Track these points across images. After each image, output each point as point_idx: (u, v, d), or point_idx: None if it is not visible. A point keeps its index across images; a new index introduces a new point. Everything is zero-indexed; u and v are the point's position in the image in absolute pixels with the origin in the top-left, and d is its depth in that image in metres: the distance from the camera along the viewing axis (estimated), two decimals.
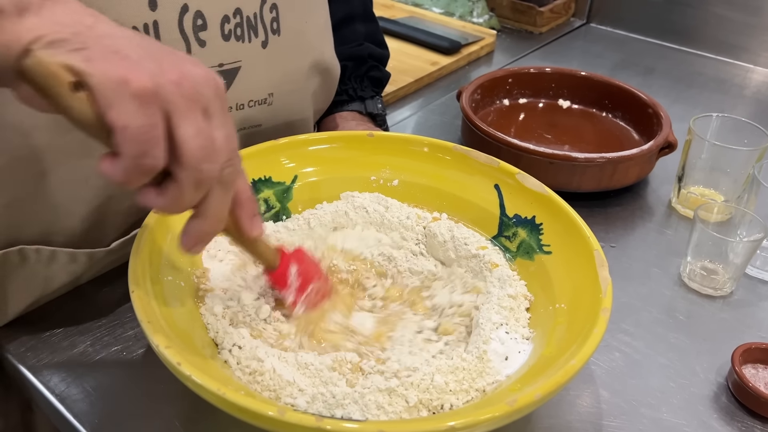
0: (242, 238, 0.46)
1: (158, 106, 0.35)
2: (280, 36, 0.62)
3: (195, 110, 0.37)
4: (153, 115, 0.35)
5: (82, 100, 0.35)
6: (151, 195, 0.38)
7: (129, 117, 0.35)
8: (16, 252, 0.54)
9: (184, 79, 0.36)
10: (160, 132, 0.36)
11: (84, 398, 0.52)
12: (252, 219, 0.45)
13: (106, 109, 0.35)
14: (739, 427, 0.53)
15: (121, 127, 0.35)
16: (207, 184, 0.38)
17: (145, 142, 0.35)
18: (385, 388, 0.45)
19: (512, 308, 0.53)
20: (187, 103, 0.36)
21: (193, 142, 0.36)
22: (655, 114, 0.83)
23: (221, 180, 0.39)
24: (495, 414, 0.39)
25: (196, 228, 0.41)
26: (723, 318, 0.63)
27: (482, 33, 1.18)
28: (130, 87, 0.34)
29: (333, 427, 0.37)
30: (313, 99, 0.71)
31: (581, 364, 0.43)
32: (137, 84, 0.35)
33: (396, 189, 0.65)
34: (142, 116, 0.35)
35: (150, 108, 0.35)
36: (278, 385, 0.45)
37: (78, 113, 0.35)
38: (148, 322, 0.43)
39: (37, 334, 0.57)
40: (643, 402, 0.54)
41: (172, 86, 0.36)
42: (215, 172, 0.38)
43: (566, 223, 0.56)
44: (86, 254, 0.57)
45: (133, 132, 0.35)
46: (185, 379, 0.40)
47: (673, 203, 0.78)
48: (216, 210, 0.40)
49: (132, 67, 0.35)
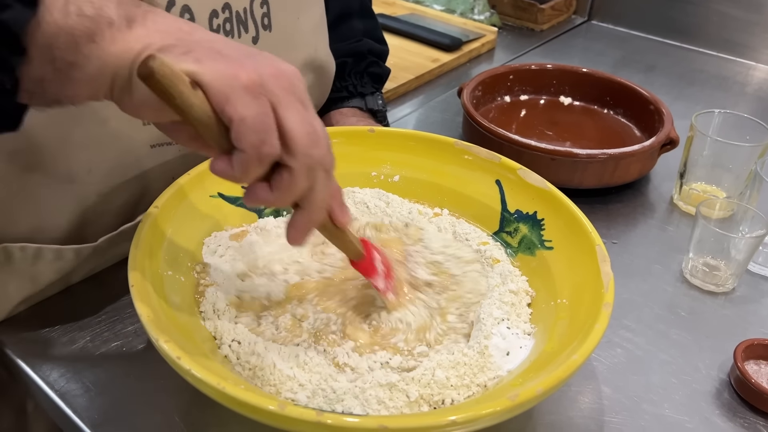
0: (332, 227, 0.46)
1: (265, 97, 0.37)
2: (272, 32, 0.62)
3: (296, 101, 0.38)
4: (265, 105, 0.37)
5: (200, 97, 0.36)
6: (264, 192, 0.39)
7: (245, 108, 0.36)
8: (1, 250, 0.53)
9: (281, 73, 0.38)
10: (273, 120, 0.37)
11: (83, 393, 0.52)
12: (342, 207, 0.46)
13: (223, 105, 0.36)
14: (742, 423, 0.52)
15: (240, 119, 0.36)
16: (316, 171, 0.39)
17: (262, 131, 0.37)
18: (386, 383, 0.45)
19: (513, 303, 0.53)
20: (287, 94, 0.38)
21: (300, 129, 0.38)
22: (657, 111, 0.83)
23: (324, 167, 0.40)
24: (496, 408, 0.39)
25: (304, 219, 0.42)
26: (725, 314, 0.63)
27: (483, 30, 1.18)
28: (240, 81, 0.36)
29: (334, 422, 0.37)
30: None
31: (583, 359, 0.42)
32: (246, 77, 0.36)
33: (397, 185, 0.65)
34: (256, 106, 0.37)
35: (260, 98, 0.37)
36: (278, 380, 0.45)
37: (198, 111, 0.36)
38: (147, 317, 0.43)
39: (36, 331, 0.57)
40: (645, 398, 0.54)
41: (273, 79, 0.38)
42: (323, 157, 0.39)
43: (568, 219, 0.56)
44: (73, 250, 0.56)
45: (251, 121, 0.36)
46: (185, 373, 0.40)
47: (675, 200, 0.77)
48: (322, 197, 0.41)
49: (237, 64, 0.37)
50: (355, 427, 0.38)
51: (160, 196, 0.54)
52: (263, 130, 0.37)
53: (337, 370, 0.47)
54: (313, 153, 0.38)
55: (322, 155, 0.39)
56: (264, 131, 0.37)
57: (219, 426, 0.49)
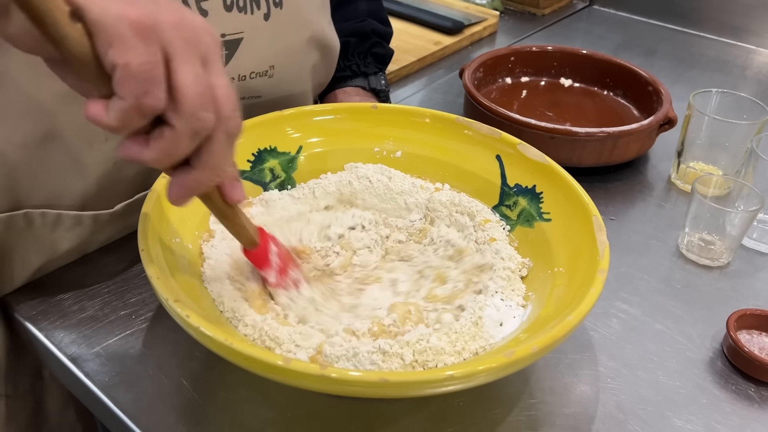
0: (222, 204, 0.43)
1: (158, 44, 0.34)
2: (282, 9, 0.63)
3: (194, 56, 0.35)
4: (155, 53, 0.34)
5: (79, 31, 0.33)
6: (138, 146, 0.36)
7: (131, 53, 0.33)
8: (22, 216, 0.55)
9: (184, 21, 0.35)
10: (161, 72, 0.34)
11: (94, 358, 0.53)
12: (234, 183, 0.42)
13: (106, 47, 0.33)
14: (734, 389, 0.54)
15: (123, 64, 0.33)
16: (202, 135, 0.36)
17: (147, 81, 0.34)
18: (379, 349, 0.46)
19: (509, 278, 0.54)
20: (186, 47, 0.35)
21: (192, 88, 0.35)
22: (656, 91, 0.84)
23: (227, 130, 0.37)
24: (492, 365, 0.40)
25: (189, 178, 0.38)
26: (719, 287, 0.64)
27: (485, 14, 1.19)
28: (129, 21, 0.33)
29: (338, 375, 0.39)
30: (312, 73, 0.71)
31: (578, 320, 0.44)
32: (138, 20, 0.33)
33: (399, 160, 0.66)
34: (144, 53, 0.33)
35: (151, 45, 0.34)
36: (276, 343, 0.46)
37: (75, 45, 0.33)
38: (157, 278, 0.44)
39: (47, 299, 0.58)
40: (640, 366, 0.55)
41: (171, 27, 0.34)
42: (212, 122, 0.36)
43: (566, 191, 0.57)
44: (91, 217, 0.58)
45: (135, 69, 0.33)
46: (194, 330, 0.41)
47: (673, 178, 0.79)
48: (215, 160, 0.38)
49: (133, 5, 0.34)
50: (357, 380, 0.39)
51: None
52: (148, 80, 0.33)
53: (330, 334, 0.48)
54: (201, 115, 0.35)
55: (219, 118, 0.36)
56: (148, 81, 0.33)
57: (226, 390, 0.51)
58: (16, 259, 0.57)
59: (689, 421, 0.51)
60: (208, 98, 0.36)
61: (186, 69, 0.35)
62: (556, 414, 0.51)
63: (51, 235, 0.57)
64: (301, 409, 0.50)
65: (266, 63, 0.64)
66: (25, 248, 0.57)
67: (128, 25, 0.33)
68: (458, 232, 0.60)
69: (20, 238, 0.56)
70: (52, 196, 0.56)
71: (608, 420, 0.50)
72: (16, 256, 0.57)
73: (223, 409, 0.49)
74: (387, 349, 0.45)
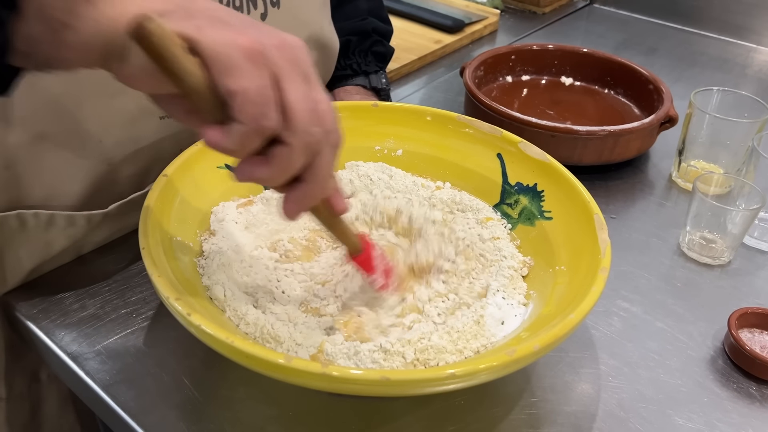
0: (328, 213, 0.45)
1: (267, 68, 0.36)
2: (279, 9, 0.63)
3: (298, 74, 0.37)
4: (266, 77, 0.35)
5: (197, 64, 0.35)
6: (257, 166, 0.37)
7: (246, 80, 0.35)
8: (15, 216, 0.54)
9: (285, 44, 0.37)
10: (273, 93, 0.36)
11: (95, 357, 0.53)
12: (337, 195, 0.44)
13: (222, 75, 0.35)
14: (735, 387, 0.54)
15: (241, 90, 0.35)
16: (315, 149, 0.38)
17: (263, 104, 0.35)
18: (381, 347, 0.46)
19: (511, 277, 0.54)
20: (291, 67, 0.36)
21: (301, 105, 0.36)
22: (656, 90, 0.84)
23: (331, 143, 0.39)
24: (494, 363, 0.40)
25: (302, 193, 0.40)
26: (720, 286, 0.64)
27: (486, 12, 1.19)
28: (242, 50, 0.35)
29: (339, 373, 0.38)
30: None
31: (580, 318, 0.44)
32: (248, 46, 0.35)
33: (400, 158, 0.66)
34: (258, 78, 0.35)
35: (262, 70, 0.35)
36: (277, 341, 0.46)
37: (192, 78, 0.35)
38: (158, 276, 0.44)
39: (47, 297, 0.58)
40: (641, 364, 0.55)
41: (275, 50, 0.36)
42: (322, 135, 0.38)
43: (567, 190, 0.57)
44: (84, 217, 0.58)
45: (252, 94, 0.35)
46: (195, 329, 0.41)
47: (674, 177, 0.79)
48: (325, 172, 0.39)
49: (239, 32, 0.35)
50: (358, 378, 0.39)
51: (169, 165, 0.55)
52: (264, 103, 0.35)
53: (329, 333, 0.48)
54: (313, 130, 0.37)
55: (325, 132, 0.38)
56: (265, 104, 0.35)
57: (227, 388, 0.51)
58: (8, 259, 0.57)
59: (690, 419, 0.51)
60: (317, 113, 0.37)
61: (294, 88, 0.36)
62: (558, 412, 0.51)
63: (44, 236, 0.57)
64: (302, 407, 0.50)
65: None
66: (17, 249, 0.56)
67: (241, 53, 0.35)
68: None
69: (12, 238, 0.56)
70: (46, 197, 0.56)
71: (609, 418, 0.50)
72: (8, 256, 0.56)
73: (223, 407, 0.49)
74: (388, 348, 0.45)
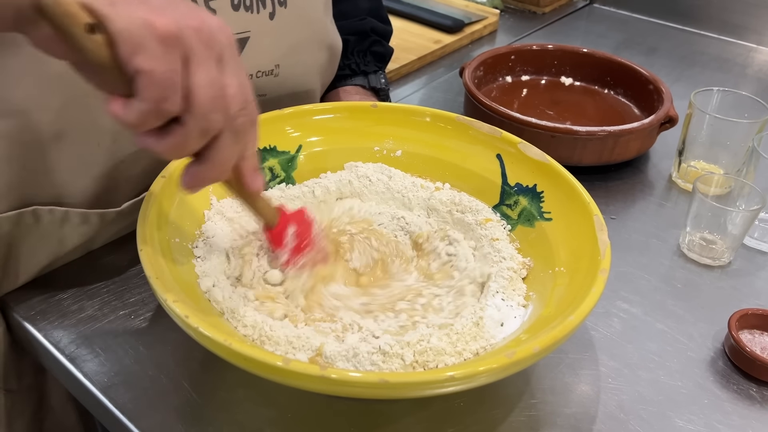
0: (242, 191, 0.46)
1: (179, 51, 0.36)
2: (286, 8, 0.63)
3: (211, 58, 0.37)
4: (176, 61, 0.36)
5: (97, 42, 0.35)
6: (152, 139, 0.38)
7: (155, 61, 0.35)
8: (30, 213, 0.55)
9: (203, 25, 0.37)
10: (179, 78, 0.36)
11: (93, 359, 0.53)
12: (254, 173, 0.45)
13: (131, 54, 0.35)
14: (735, 389, 0.54)
15: (148, 71, 0.35)
16: (212, 133, 0.38)
17: (167, 87, 0.35)
18: (380, 349, 0.45)
19: (511, 278, 0.54)
20: (204, 49, 0.36)
21: (205, 91, 0.37)
22: (656, 90, 0.84)
23: (233, 128, 0.39)
24: (493, 365, 0.40)
25: (198, 171, 0.41)
26: (720, 287, 0.64)
27: (485, 12, 1.18)
28: (154, 30, 0.35)
29: (337, 376, 0.38)
30: (320, 72, 0.71)
31: (579, 320, 0.43)
32: (162, 27, 0.35)
33: (399, 159, 0.66)
34: (167, 61, 0.35)
35: (173, 53, 0.35)
36: (275, 343, 0.46)
37: (93, 55, 0.35)
38: (156, 278, 0.44)
39: (45, 298, 0.58)
40: (641, 365, 0.55)
41: (192, 32, 0.36)
42: (221, 123, 0.38)
43: (567, 191, 0.57)
44: (98, 215, 0.58)
45: (158, 76, 0.35)
46: (193, 331, 0.41)
47: (674, 177, 0.78)
48: (222, 157, 0.40)
49: (155, 11, 0.35)
50: (357, 380, 0.39)
51: (167, 166, 0.55)
52: (168, 86, 0.36)
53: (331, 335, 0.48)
54: (211, 117, 0.37)
55: (221, 120, 0.38)
56: (168, 87, 0.36)
57: (226, 390, 0.51)
58: (23, 255, 0.57)
59: (690, 421, 0.51)
60: (221, 100, 0.37)
61: (201, 72, 0.37)
62: (557, 414, 0.50)
63: (58, 233, 0.57)
64: (300, 409, 0.49)
65: (272, 62, 0.64)
66: (33, 245, 0.57)
67: (154, 35, 0.35)
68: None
69: (28, 234, 0.56)
70: (60, 194, 0.56)
71: (609, 420, 0.50)
72: (24, 252, 0.57)
73: (222, 410, 0.49)
74: (387, 350, 0.45)
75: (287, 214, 0.53)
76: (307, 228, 0.54)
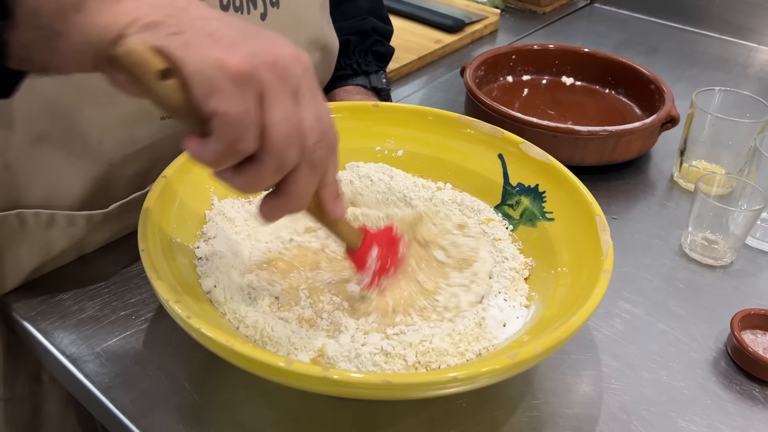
0: (323, 217, 0.45)
1: (254, 89, 0.35)
2: (279, 9, 0.63)
3: (286, 92, 0.36)
4: (250, 100, 0.35)
5: (170, 87, 0.35)
6: (229, 174, 0.38)
7: (229, 103, 0.34)
8: (15, 216, 0.54)
9: (277, 59, 0.36)
10: (256, 118, 0.35)
11: (94, 359, 0.53)
12: (335, 200, 0.44)
13: (205, 96, 0.34)
14: (738, 389, 0.53)
15: (223, 113, 0.34)
16: (287, 169, 0.38)
17: (242, 129, 0.35)
18: (382, 350, 0.45)
19: (513, 278, 0.54)
20: (279, 85, 0.36)
21: (280, 129, 0.36)
22: (658, 90, 0.84)
23: (310, 161, 0.38)
24: (496, 366, 0.40)
25: (276, 204, 0.40)
26: (723, 287, 0.64)
27: (486, 12, 1.18)
28: (228, 71, 0.34)
29: (340, 377, 0.38)
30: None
31: (582, 321, 0.43)
32: (235, 67, 0.34)
33: (401, 159, 0.66)
34: (241, 102, 0.35)
35: (247, 92, 0.35)
36: (277, 344, 0.46)
37: (166, 100, 0.35)
38: (157, 278, 0.44)
39: (46, 299, 0.58)
40: (643, 366, 0.55)
41: (266, 68, 0.35)
42: (297, 158, 0.37)
43: (569, 190, 0.57)
44: (85, 217, 0.58)
45: (233, 117, 0.35)
46: (194, 332, 0.41)
47: (675, 177, 0.78)
48: (299, 190, 0.39)
49: (228, 49, 0.35)
50: (359, 381, 0.39)
51: (168, 166, 0.55)
52: (242, 128, 0.35)
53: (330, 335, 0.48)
54: (287, 154, 0.37)
55: (298, 156, 0.37)
56: (243, 129, 0.35)
57: (227, 391, 0.51)
58: (8, 260, 0.56)
59: (693, 422, 0.50)
60: (296, 137, 0.37)
61: (276, 109, 0.36)
62: (559, 415, 0.50)
63: (44, 236, 0.56)
64: (302, 410, 0.49)
65: None
66: (18, 249, 0.56)
67: (227, 75, 0.34)
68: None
69: (13, 238, 0.55)
70: (46, 197, 0.56)
71: (611, 421, 0.50)
72: (8, 257, 0.56)
73: (223, 410, 0.49)
74: (389, 351, 0.45)
75: (371, 235, 0.51)
76: (393, 247, 0.52)
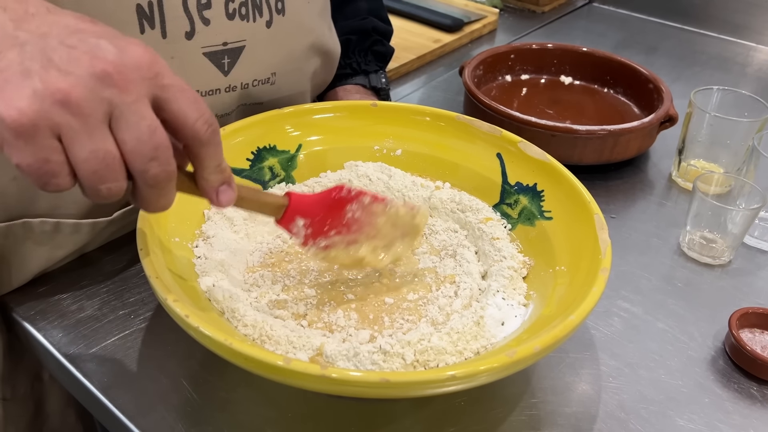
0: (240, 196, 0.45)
1: (46, 134, 0.34)
2: (284, 16, 0.63)
3: (86, 127, 0.34)
4: (44, 148, 0.34)
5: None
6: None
7: (20, 155, 0.34)
8: (20, 225, 0.55)
9: (73, 90, 0.33)
10: (56, 161, 0.34)
11: (93, 359, 0.53)
12: (218, 191, 0.42)
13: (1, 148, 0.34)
14: (736, 388, 0.54)
15: (17, 165, 0.34)
16: (117, 196, 0.37)
17: (44, 176, 0.35)
18: (380, 349, 0.45)
19: (512, 277, 0.54)
20: (77, 122, 0.34)
21: (86, 166, 0.35)
22: (656, 89, 0.84)
23: (144, 182, 0.37)
24: (494, 365, 0.40)
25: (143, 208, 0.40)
26: (721, 286, 0.64)
27: (485, 11, 1.18)
28: (7, 126, 0.33)
29: (338, 375, 0.38)
30: (311, 78, 0.71)
31: (580, 320, 0.43)
32: (13, 122, 0.33)
33: (399, 158, 0.66)
34: (31, 153, 0.34)
35: (38, 141, 0.33)
36: (276, 343, 0.46)
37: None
38: (156, 277, 0.44)
39: (45, 299, 0.58)
40: (642, 364, 0.55)
41: (56, 108, 0.33)
42: (122, 186, 0.36)
43: (567, 190, 0.57)
44: (89, 225, 0.58)
45: (29, 169, 0.34)
46: (193, 331, 0.41)
47: (674, 176, 0.78)
48: (150, 204, 0.39)
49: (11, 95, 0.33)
50: (358, 380, 0.39)
51: None
52: (45, 175, 0.34)
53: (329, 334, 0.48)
54: (101, 189, 0.36)
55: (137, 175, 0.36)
56: (46, 175, 0.34)
57: (226, 390, 0.51)
58: (15, 265, 0.57)
59: (691, 420, 0.50)
60: (105, 171, 0.35)
61: (77, 148, 0.34)
62: (558, 413, 0.50)
63: (50, 242, 0.57)
64: (301, 409, 0.49)
65: (268, 70, 0.64)
66: (23, 256, 0.56)
67: (8, 131, 0.33)
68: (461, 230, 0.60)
69: (19, 246, 0.56)
70: (52, 207, 0.56)
71: (610, 419, 0.50)
72: (14, 263, 0.57)
73: (222, 409, 0.49)
74: (388, 349, 0.45)
75: (297, 202, 0.50)
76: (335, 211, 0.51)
